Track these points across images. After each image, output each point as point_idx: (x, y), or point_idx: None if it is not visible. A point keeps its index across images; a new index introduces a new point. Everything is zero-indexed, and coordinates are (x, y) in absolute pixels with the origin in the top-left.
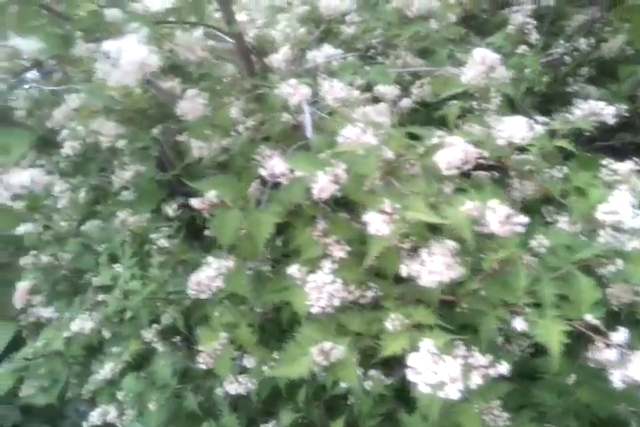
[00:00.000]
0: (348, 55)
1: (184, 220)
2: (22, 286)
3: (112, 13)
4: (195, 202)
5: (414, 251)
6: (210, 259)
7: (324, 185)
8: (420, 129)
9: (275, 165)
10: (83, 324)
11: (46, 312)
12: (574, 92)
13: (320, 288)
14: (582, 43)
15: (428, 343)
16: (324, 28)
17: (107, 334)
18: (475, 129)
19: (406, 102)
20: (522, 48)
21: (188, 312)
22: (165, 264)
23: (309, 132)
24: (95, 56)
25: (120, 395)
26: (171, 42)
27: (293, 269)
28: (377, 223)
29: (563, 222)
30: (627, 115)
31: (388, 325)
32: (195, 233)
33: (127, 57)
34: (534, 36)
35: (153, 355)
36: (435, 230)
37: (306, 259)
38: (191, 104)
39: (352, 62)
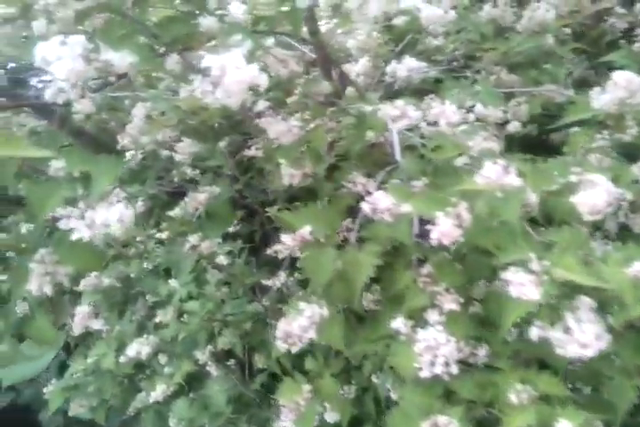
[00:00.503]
0: (433, 69)
1: (244, 235)
2: (82, 311)
3: (207, 23)
4: (286, 239)
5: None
6: (302, 305)
7: (447, 229)
8: (555, 164)
9: (378, 198)
10: (139, 348)
11: (96, 324)
12: None
13: (433, 350)
14: None
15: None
16: (409, 40)
17: (163, 358)
18: (605, 162)
19: (514, 126)
20: None
21: (246, 336)
22: (224, 284)
23: (398, 154)
24: (187, 71)
25: (172, 422)
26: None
27: (399, 324)
28: (523, 284)
29: None
30: None
31: (512, 396)
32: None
33: (233, 76)
34: None
35: (205, 378)
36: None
37: (409, 309)
38: (286, 126)
39: (461, 82)
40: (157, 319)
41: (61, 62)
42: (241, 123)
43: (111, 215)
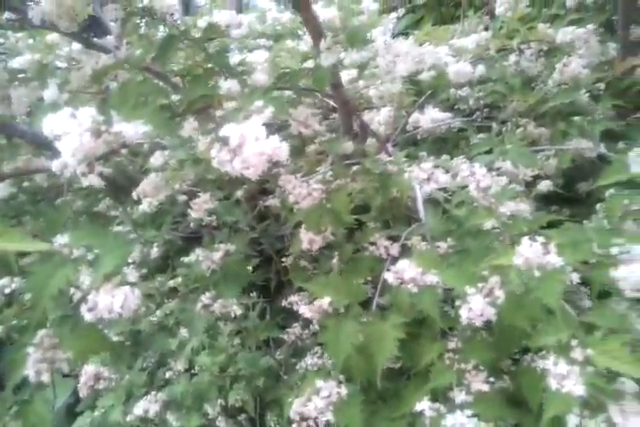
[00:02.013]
0: (456, 120)
1: (258, 285)
2: (89, 371)
3: (227, 86)
4: (304, 310)
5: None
6: (319, 383)
7: (478, 307)
8: (592, 231)
9: (403, 269)
10: (147, 406)
11: (105, 372)
12: None
13: None
14: None
15: None
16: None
17: (171, 418)
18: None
19: (546, 185)
20: None
21: (259, 391)
22: (236, 334)
23: (422, 212)
24: (205, 138)
25: None
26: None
27: (424, 406)
28: (565, 377)
29: None
30: None
31: None
32: (266, 296)
33: (252, 147)
34: None
35: None
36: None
37: (432, 387)
38: (307, 190)
39: (491, 139)
40: (167, 374)
41: (68, 138)
42: None
43: (116, 301)
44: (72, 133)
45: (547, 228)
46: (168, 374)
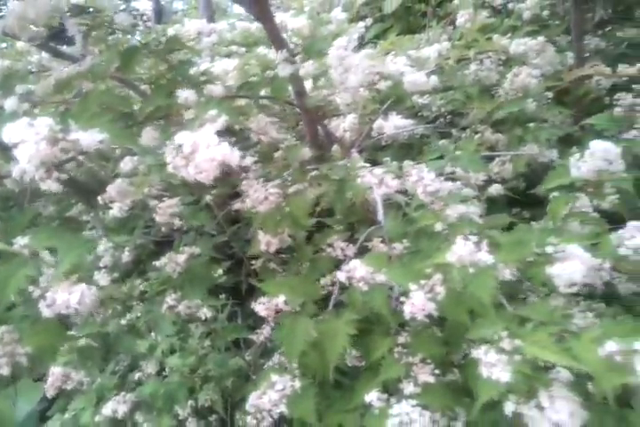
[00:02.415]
0: (419, 127)
1: (229, 287)
2: (57, 372)
3: (185, 95)
4: (259, 308)
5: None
6: (274, 378)
7: (420, 303)
8: (533, 231)
9: (354, 268)
10: (115, 407)
11: (77, 375)
12: None
13: (406, 425)
14: None
15: None
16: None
17: (140, 418)
18: (586, 229)
19: (496, 189)
20: (632, 133)
21: (228, 391)
22: (207, 335)
23: (381, 215)
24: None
25: None
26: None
27: (372, 397)
28: (493, 365)
29: None
30: None
31: None
32: (237, 298)
33: (204, 154)
34: None
35: None
36: None
37: (383, 379)
38: (264, 194)
39: (444, 146)
40: (137, 376)
41: (25, 146)
42: (228, 175)
43: (72, 297)
44: (29, 141)
45: (506, 229)
46: (137, 376)
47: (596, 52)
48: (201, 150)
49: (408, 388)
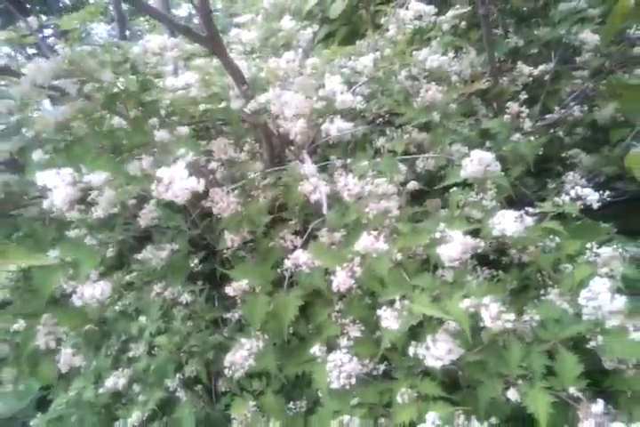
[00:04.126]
0: (359, 129)
1: (205, 274)
2: (67, 353)
3: (161, 135)
4: (229, 289)
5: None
6: (243, 340)
7: (342, 279)
8: (425, 224)
9: (298, 256)
10: (116, 380)
11: (76, 360)
12: (567, 156)
13: (339, 367)
14: (576, 109)
15: (432, 416)
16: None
17: (137, 388)
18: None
19: (412, 185)
20: (516, 136)
21: (210, 363)
22: (189, 318)
23: (325, 210)
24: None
25: None
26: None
27: (315, 349)
28: (389, 319)
29: (553, 294)
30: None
31: (398, 398)
32: (213, 283)
33: (179, 185)
34: (527, 124)
35: (176, 403)
36: None
37: (325, 337)
38: (226, 202)
39: (364, 155)
40: (130, 354)
41: (57, 191)
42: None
43: (96, 291)
44: (59, 187)
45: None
46: (131, 354)
47: (515, 51)
48: (176, 182)
49: (343, 342)
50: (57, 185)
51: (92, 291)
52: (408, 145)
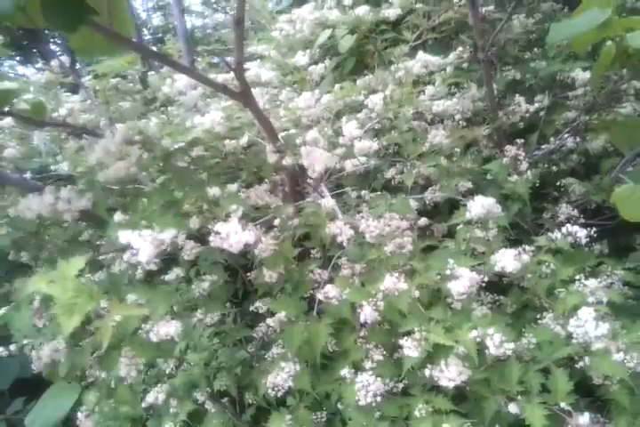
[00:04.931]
0: (372, 162)
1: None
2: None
3: (213, 191)
4: (270, 322)
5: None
6: (282, 364)
7: (368, 313)
8: (436, 262)
9: (329, 291)
10: (156, 396)
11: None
12: (561, 186)
13: (366, 387)
14: (570, 141)
15: None
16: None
17: (174, 402)
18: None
19: (423, 221)
20: (515, 177)
21: (238, 378)
22: (214, 336)
23: (346, 243)
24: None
25: None
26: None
27: (345, 372)
28: (410, 348)
29: (548, 318)
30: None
31: (416, 412)
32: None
33: (234, 237)
34: (524, 166)
35: (204, 414)
36: None
37: (351, 360)
38: (266, 245)
39: (384, 196)
40: (167, 371)
41: (142, 250)
42: None
43: (171, 330)
44: (143, 246)
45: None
46: (167, 370)
47: (514, 83)
48: (231, 235)
49: (368, 364)
50: (141, 245)
51: (168, 330)
52: (417, 178)
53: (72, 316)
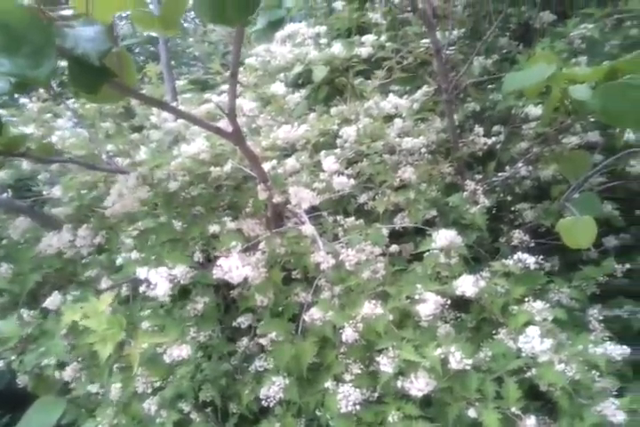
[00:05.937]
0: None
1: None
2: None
3: (213, 228)
4: (261, 341)
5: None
6: (274, 378)
7: (349, 334)
8: (406, 285)
9: (314, 313)
10: (149, 407)
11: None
12: (515, 210)
13: (347, 397)
14: (523, 170)
15: None
16: None
17: (164, 413)
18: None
19: (394, 248)
20: (473, 209)
21: (222, 389)
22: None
23: (327, 268)
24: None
25: None
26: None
27: (328, 384)
28: (385, 364)
29: (502, 334)
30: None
31: (389, 417)
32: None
33: (235, 272)
34: (482, 200)
35: (189, 424)
36: None
37: (333, 373)
38: (257, 273)
39: (360, 225)
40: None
41: (159, 286)
42: None
43: (183, 353)
44: (159, 281)
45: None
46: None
47: (474, 114)
48: (233, 270)
49: (347, 377)
50: (158, 281)
51: (180, 353)
52: (387, 204)
53: (106, 344)
